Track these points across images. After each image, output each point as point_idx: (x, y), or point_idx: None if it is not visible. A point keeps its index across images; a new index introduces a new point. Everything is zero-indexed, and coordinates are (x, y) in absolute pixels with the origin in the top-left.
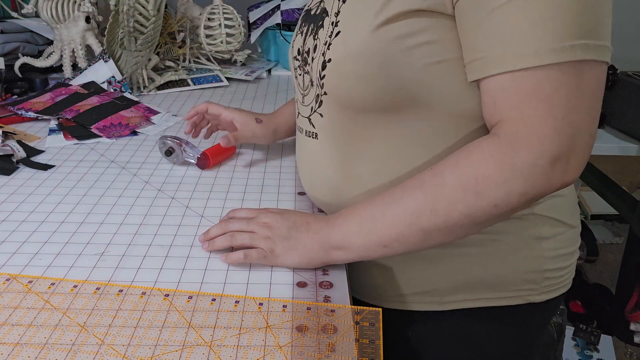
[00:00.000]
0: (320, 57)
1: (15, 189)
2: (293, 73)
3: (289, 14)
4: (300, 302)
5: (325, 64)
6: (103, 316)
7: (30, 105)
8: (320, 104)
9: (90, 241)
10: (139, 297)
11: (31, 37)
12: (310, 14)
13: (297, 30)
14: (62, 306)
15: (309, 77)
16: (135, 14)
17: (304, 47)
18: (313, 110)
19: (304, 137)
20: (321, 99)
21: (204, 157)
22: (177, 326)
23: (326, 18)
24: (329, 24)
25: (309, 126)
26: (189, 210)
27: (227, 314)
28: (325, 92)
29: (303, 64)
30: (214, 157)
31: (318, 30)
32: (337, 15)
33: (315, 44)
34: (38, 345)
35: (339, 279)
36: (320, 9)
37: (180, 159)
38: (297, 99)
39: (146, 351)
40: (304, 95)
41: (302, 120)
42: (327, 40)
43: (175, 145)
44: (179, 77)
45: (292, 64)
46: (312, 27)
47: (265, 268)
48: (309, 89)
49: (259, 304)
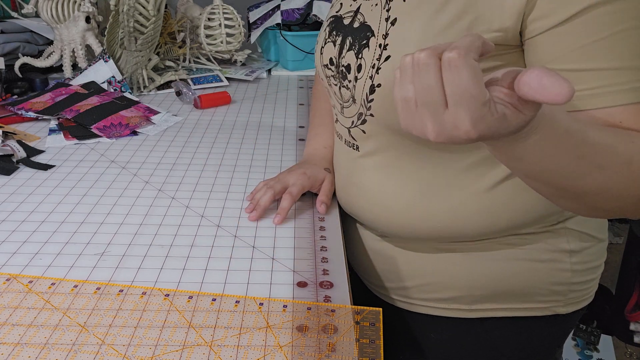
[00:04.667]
0: (368, 80)
1: (15, 189)
2: (325, 80)
3: (289, 14)
4: (300, 302)
5: (374, 89)
6: (103, 316)
7: (30, 105)
8: (363, 122)
9: (90, 241)
10: (139, 297)
11: (31, 37)
12: (342, 22)
13: (326, 37)
14: (63, 306)
15: (349, 93)
16: (135, 14)
17: (341, 60)
18: (354, 125)
19: (342, 145)
20: (365, 119)
21: (199, 99)
22: (177, 326)
23: (372, 38)
24: (375, 45)
25: (349, 137)
26: (189, 210)
27: (227, 314)
28: (372, 114)
29: (340, 77)
30: (207, 100)
31: (361, 48)
32: (385, 37)
33: (360, 63)
34: (38, 345)
35: (340, 279)
36: (360, 23)
37: (187, 98)
38: (334, 105)
39: (146, 351)
40: (342, 106)
41: (341, 128)
42: (374, 63)
43: (183, 89)
44: (179, 77)
45: (323, 71)
46: (350, 41)
47: (266, 267)
48: (350, 105)
49: (260, 303)
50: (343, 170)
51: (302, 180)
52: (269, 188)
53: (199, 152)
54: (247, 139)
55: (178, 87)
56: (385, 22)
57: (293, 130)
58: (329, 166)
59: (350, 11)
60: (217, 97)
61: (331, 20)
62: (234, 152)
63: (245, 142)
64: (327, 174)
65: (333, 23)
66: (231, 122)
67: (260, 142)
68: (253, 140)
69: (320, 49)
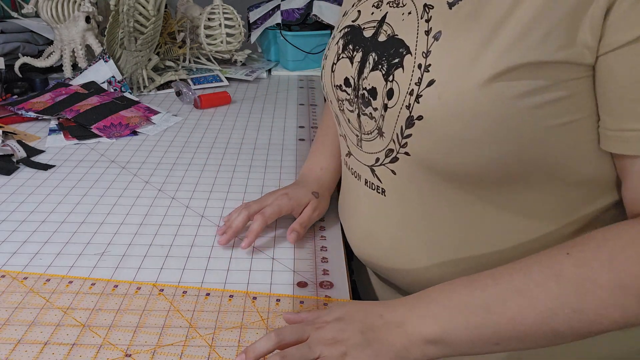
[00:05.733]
0: (404, 111)
1: (15, 189)
2: (336, 104)
3: (289, 14)
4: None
5: (413, 121)
6: (103, 315)
7: (30, 105)
8: (394, 161)
9: (90, 241)
10: (134, 292)
11: (31, 37)
12: (361, 34)
13: (339, 51)
14: (64, 304)
15: (374, 123)
16: (135, 14)
17: (361, 81)
18: (380, 163)
19: (361, 186)
20: (397, 157)
21: (199, 99)
22: (180, 326)
23: (407, 56)
24: (413, 65)
25: (372, 177)
26: (189, 210)
27: (227, 313)
28: (408, 153)
29: (360, 103)
30: (207, 100)
31: (392, 68)
32: (426, 56)
33: (390, 87)
34: (40, 342)
35: (340, 279)
36: (389, 36)
37: (187, 98)
38: (345, 134)
39: (150, 345)
40: (360, 138)
41: (358, 165)
42: (412, 88)
43: (183, 89)
44: (179, 77)
45: (334, 93)
46: (375, 58)
47: (266, 267)
48: (375, 138)
49: (253, 297)
50: (363, 217)
51: (281, 202)
52: (244, 209)
53: (199, 152)
54: (247, 139)
55: (178, 87)
56: (425, 35)
57: (293, 130)
58: (320, 190)
59: (373, 21)
60: (217, 97)
61: (346, 31)
62: (234, 152)
63: (245, 142)
64: (313, 199)
65: (348, 35)
66: (231, 122)
67: (260, 142)
68: (253, 140)
69: (332, 66)
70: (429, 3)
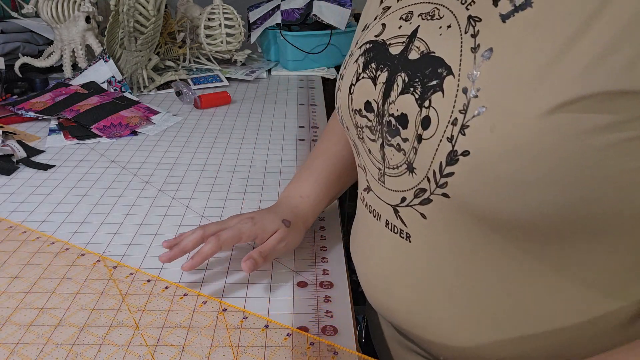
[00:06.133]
0: (445, 144)
1: (15, 189)
2: (354, 131)
3: (289, 14)
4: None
5: (457, 157)
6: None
7: (30, 105)
8: (425, 202)
9: (90, 241)
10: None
11: (31, 37)
12: (387, 51)
13: (359, 70)
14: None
15: (402, 157)
16: (135, 14)
17: (387, 106)
18: (407, 203)
19: (380, 227)
20: (430, 198)
21: (199, 99)
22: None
23: (448, 78)
24: (456, 89)
25: (395, 218)
26: (189, 210)
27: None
28: (447, 194)
29: (385, 131)
30: (207, 100)
31: (428, 91)
32: (473, 78)
33: (426, 114)
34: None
35: (340, 279)
36: (423, 53)
37: (187, 98)
38: (364, 166)
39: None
40: (383, 172)
41: (377, 203)
42: (456, 117)
43: (183, 89)
44: (179, 77)
45: (352, 118)
46: (405, 79)
47: (266, 267)
48: (402, 173)
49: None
50: (381, 264)
51: (243, 227)
52: (200, 229)
53: (199, 152)
54: (247, 139)
55: (178, 87)
56: (471, 53)
57: (293, 130)
58: (293, 219)
59: (402, 35)
60: (217, 97)
61: (367, 48)
62: (234, 152)
63: (245, 142)
64: (282, 228)
65: (371, 51)
66: (231, 122)
67: (260, 142)
68: (253, 140)
69: (349, 87)
70: (474, 15)
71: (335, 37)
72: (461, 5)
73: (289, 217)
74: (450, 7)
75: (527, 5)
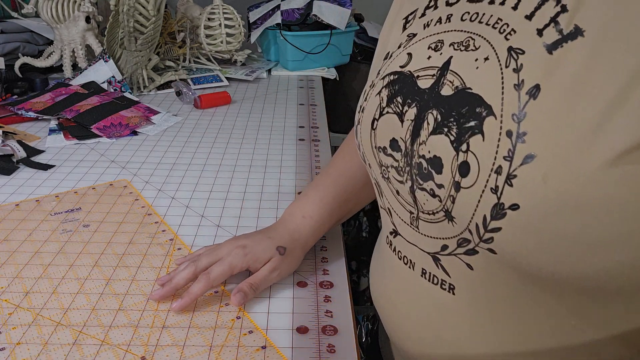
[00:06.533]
0: (489, 195)
1: (15, 189)
2: (378, 169)
3: (289, 14)
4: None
5: (504, 211)
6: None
7: (30, 105)
8: (471, 253)
9: (89, 240)
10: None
11: (31, 37)
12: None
13: (382, 104)
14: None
15: (438, 203)
16: (135, 14)
17: (417, 147)
18: (449, 252)
19: (410, 274)
20: (476, 249)
21: (199, 99)
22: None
23: (489, 119)
24: (499, 132)
25: (434, 267)
26: (189, 210)
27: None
28: (494, 250)
29: (416, 174)
30: (207, 100)
31: (466, 134)
32: (519, 119)
33: (465, 160)
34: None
35: (340, 279)
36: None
37: (187, 98)
38: (391, 209)
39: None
40: (417, 217)
41: (408, 248)
42: (500, 164)
43: (183, 89)
44: (179, 77)
45: (375, 156)
46: (438, 118)
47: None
48: (440, 220)
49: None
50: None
51: (234, 259)
52: (192, 264)
53: (199, 152)
54: (247, 139)
55: (178, 87)
56: (515, 91)
57: (293, 130)
58: (290, 244)
59: (432, 67)
60: (217, 97)
61: (392, 79)
62: (234, 152)
63: (245, 142)
64: (275, 257)
65: (396, 83)
66: (231, 122)
67: (260, 142)
68: (253, 140)
69: (372, 122)
70: (516, 46)
71: (335, 37)
72: (499, 35)
73: (285, 242)
74: (487, 36)
75: (578, 33)
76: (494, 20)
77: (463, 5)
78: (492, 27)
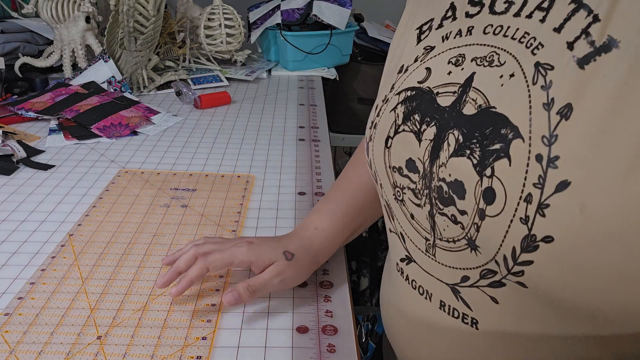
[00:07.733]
0: (519, 226)
1: (15, 189)
2: (389, 190)
3: (289, 14)
4: None
5: (536, 243)
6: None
7: (30, 105)
8: (497, 285)
9: (89, 240)
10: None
11: (31, 37)
12: (434, 101)
13: (397, 121)
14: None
15: (460, 230)
16: (135, 14)
17: (437, 169)
18: (470, 283)
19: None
20: (503, 282)
21: (199, 99)
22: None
23: (516, 141)
24: (527, 156)
25: (454, 300)
26: (189, 210)
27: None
28: (524, 284)
29: (435, 198)
30: (207, 100)
31: (490, 158)
32: (549, 142)
33: (490, 186)
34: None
35: (340, 279)
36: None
37: (187, 98)
38: (404, 234)
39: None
40: (433, 244)
41: (423, 277)
42: (529, 192)
43: (183, 89)
44: (179, 77)
45: (389, 176)
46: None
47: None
48: (462, 248)
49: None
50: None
51: (237, 251)
52: (195, 247)
53: (199, 152)
54: (247, 139)
55: (178, 87)
56: (544, 111)
57: (293, 131)
58: (299, 252)
59: (453, 84)
60: (217, 97)
61: (409, 95)
62: (234, 152)
63: (245, 143)
64: (280, 260)
65: (414, 100)
66: (231, 123)
67: (260, 143)
68: (253, 140)
69: (386, 140)
70: (544, 62)
71: (335, 37)
72: (526, 50)
73: (294, 249)
74: (513, 51)
75: (612, 45)
76: (520, 34)
77: (485, 17)
78: (519, 42)
